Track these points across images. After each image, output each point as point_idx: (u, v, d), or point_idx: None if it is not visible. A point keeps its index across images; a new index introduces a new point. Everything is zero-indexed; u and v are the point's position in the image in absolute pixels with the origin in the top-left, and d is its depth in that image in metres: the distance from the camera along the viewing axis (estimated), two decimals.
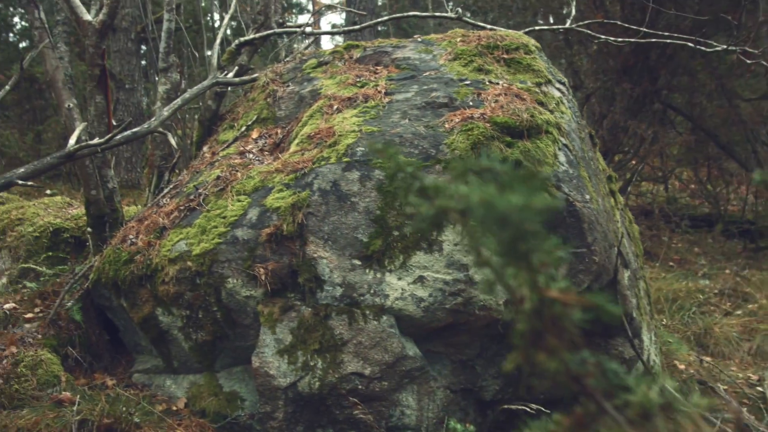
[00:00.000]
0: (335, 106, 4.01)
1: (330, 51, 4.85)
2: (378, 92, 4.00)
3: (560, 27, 5.69)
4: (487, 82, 3.96)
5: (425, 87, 3.97)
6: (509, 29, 4.84)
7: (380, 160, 3.45)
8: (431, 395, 3.44)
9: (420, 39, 4.78)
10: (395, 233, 3.34)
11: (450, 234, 3.33)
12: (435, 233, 3.31)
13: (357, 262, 3.35)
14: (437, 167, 3.42)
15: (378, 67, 4.43)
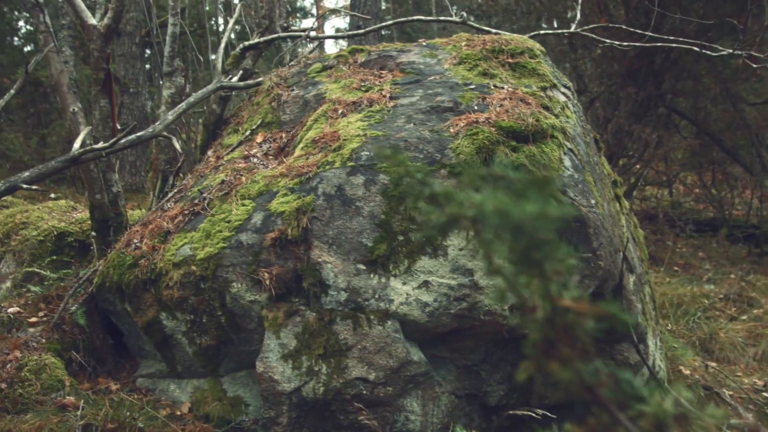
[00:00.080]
0: (340, 111, 4.00)
1: (335, 55, 4.84)
2: (383, 96, 4.00)
3: (565, 31, 5.68)
4: (492, 87, 3.95)
5: (430, 91, 3.96)
6: (513, 33, 4.83)
7: (385, 165, 3.44)
8: (436, 400, 3.43)
9: (425, 43, 4.77)
10: (400, 238, 3.33)
11: (455, 239, 3.32)
12: (440, 238, 3.30)
13: (362, 267, 3.34)
14: (442, 172, 3.41)
15: (383, 72, 4.43)
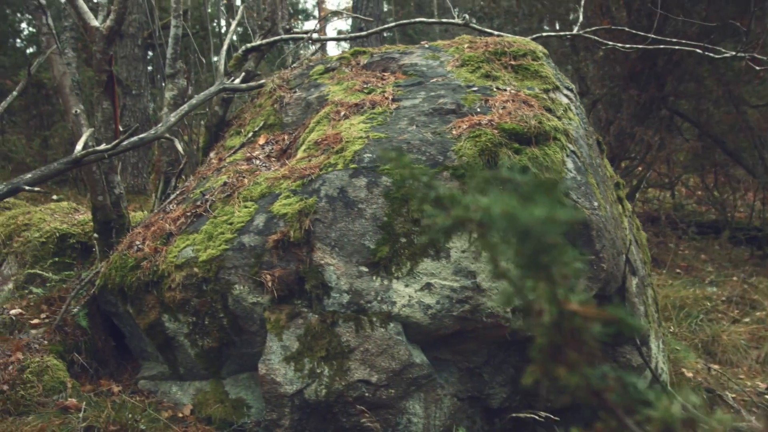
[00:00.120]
0: (342, 113, 4.00)
1: (337, 57, 4.84)
2: (385, 98, 3.99)
3: (568, 33, 5.67)
4: (495, 89, 3.95)
5: (433, 93, 3.96)
6: (516, 35, 4.83)
7: (388, 167, 3.44)
8: (438, 403, 3.43)
9: (427, 45, 4.77)
10: (402, 240, 3.33)
11: (457, 241, 3.31)
12: (443, 241, 3.29)
13: (364, 269, 3.33)
14: (445, 174, 3.40)
15: (385, 74, 4.42)
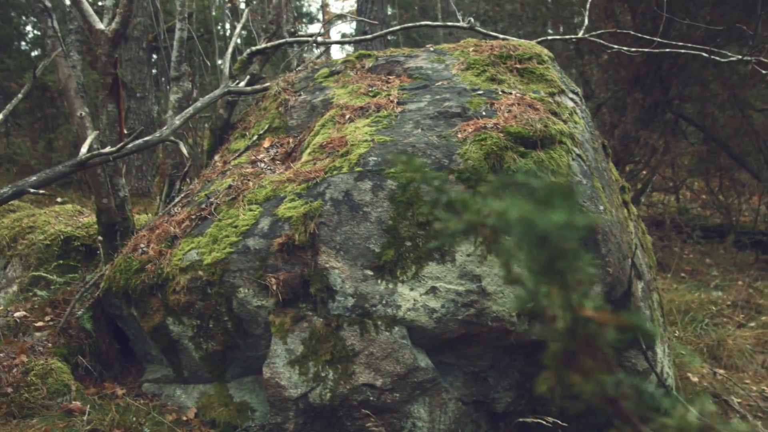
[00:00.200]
0: (347, 116, 3.99)
1: (342, 60, 4.84)
2: (390, 102, 3.99)
3: (573, 37, 5.66)
4: (500, 92, 3.94)
5: (438, 97, 3.96)
6: (520, 39, 4.82)
7: (393, 170, 3.43)
8: (443, 407, 3.41)
9: (432, 48, 4.76)
10: (407, 243, 3.32)
11: (463, 245, 3.30)
12: (449, 244, 3.28)
13: (369, 273, 3.32)
14: (450, 177, 3.39)
15: (390, 77, 4.42)
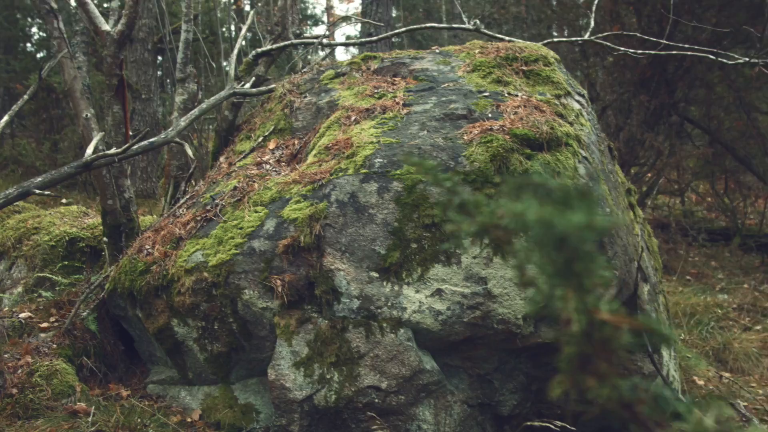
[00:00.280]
0: (353, 117, 3.99)
1: (347, 62, 4.83)
2: (396, 103, 3.98)
3: (579, 39, 5.65)
4: (506, 94, 3.94)
5: (444, 98, 3.95)
6: (525, 41, 4.81)
7: (399, 172, 3.42)
8: (448, 410, 3.40)
9: (438, 50, 4.76)
10: (413, 245, 3.31)
11: (470, 247, 3.29)
12: (454, 246, 3.27)
13: (374, 275, 3.32)
14: (456, 179, 3.38)
15: (396, 79, 4.41)
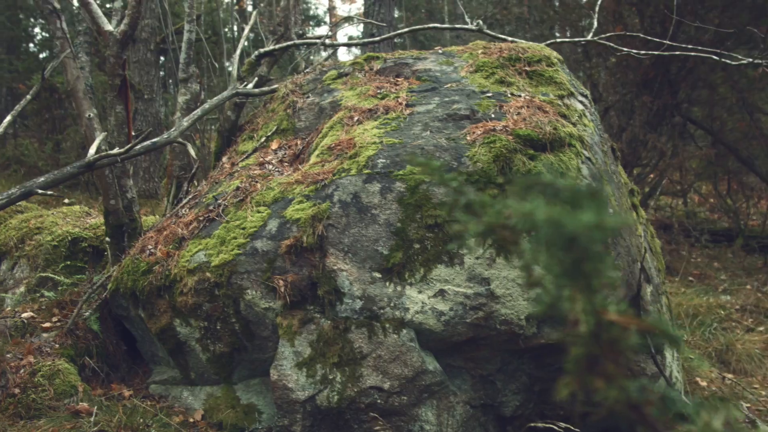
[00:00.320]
0: (356, 118, 3.98)
1: (350, 62, 4.83)
2: (399, 104, 3.98)
3: (582, 39, 5.64)
4: (509, 95, 3.93)
5: (447, 99, 3.94)
6: (528, 42, 4.81)
7: (401, 172, 3.42)
8: (451, 410, 3.40)
9: (441, 51, 4.75)
10: (416, 246, 3.30)
11: (468, 247, 3.29)
12: (458, 247, 3.27)
13: (377, 275, 3.31)
14: (461, 179, 3.38)
15: (399, 79, 4.41)
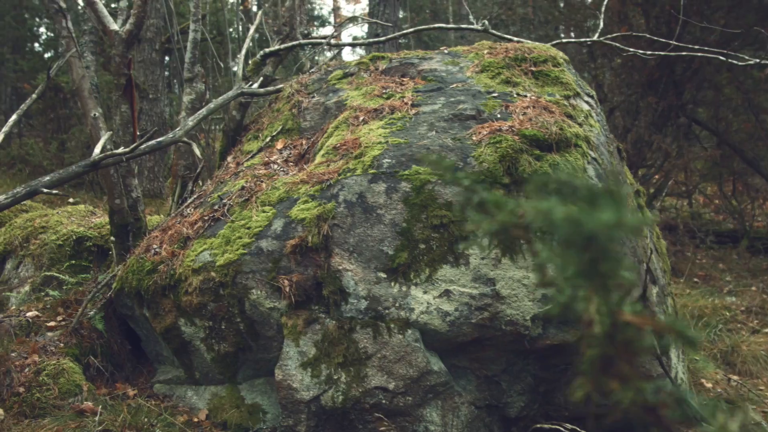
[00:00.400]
0: (361, 118, 3.98)
1: (356, 62, 4.82)
2: (404, 104, 3.97)
3: (587, 40, 5.63)
4: (515, 95, 3.92)
5: (452, 99, 3.94)
6: (534, 42, 4.80)
7: (407, 172, 3.41)
8: (455, 411, 3.39)
9: (446, 51, 4.74)
10: (421, 246, 3.30)
11: (477, 247, 3.28)
12: (465, 247, 3.26)
13: (382, 275, 3.30)
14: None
15: (404, 79, 4.40)
